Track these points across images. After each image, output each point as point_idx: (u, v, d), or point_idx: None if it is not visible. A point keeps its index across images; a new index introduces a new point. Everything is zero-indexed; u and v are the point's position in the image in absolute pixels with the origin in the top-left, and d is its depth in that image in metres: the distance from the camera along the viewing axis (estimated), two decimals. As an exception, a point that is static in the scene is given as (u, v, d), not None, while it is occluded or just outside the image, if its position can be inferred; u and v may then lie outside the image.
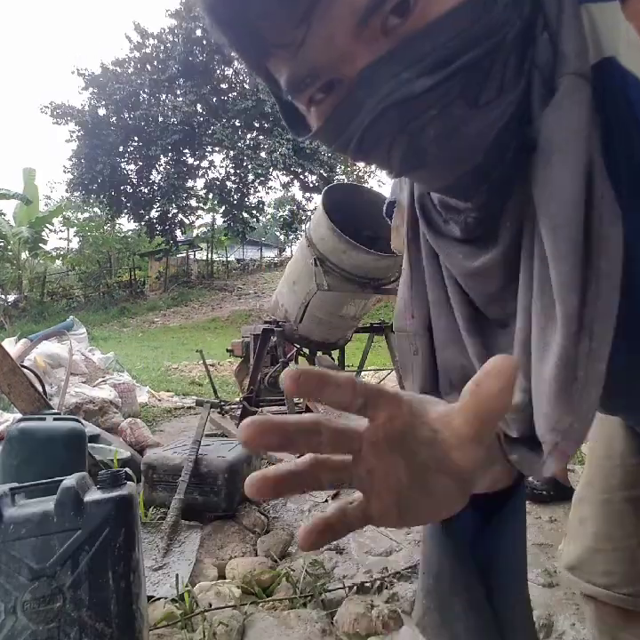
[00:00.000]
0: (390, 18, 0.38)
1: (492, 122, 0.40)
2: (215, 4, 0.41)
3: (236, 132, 19.15)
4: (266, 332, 3.62)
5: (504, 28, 0.38)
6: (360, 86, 0.40)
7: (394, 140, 0.41)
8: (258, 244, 32.95)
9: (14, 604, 1.00)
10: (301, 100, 0.44)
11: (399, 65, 0.38)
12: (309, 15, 0.38)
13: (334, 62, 0.40)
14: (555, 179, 0.40)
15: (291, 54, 0.41)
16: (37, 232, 18.28)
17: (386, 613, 1.44)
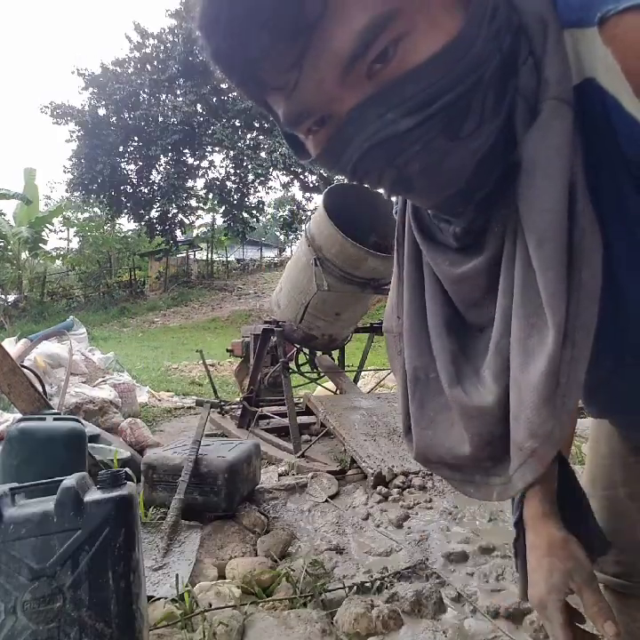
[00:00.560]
0: (373, 65, 0.42)
1: (473, 151, 0.44)
2: (217, 47, 0.45)
3: (236, 132, 19.14)
4: (266, 332, 3.62)
5: (482, 66, 0.42)
6: (348, 125, 0.44)
7: (382, 171, 0.46)
8: (258, 244, 32.94)
9: (14, 603, 1.00)
10: (299, 132, 0.50)
11: (383, 106, 0.42)
12: (300, 61, 0.42)
13: (324, 103, 0.45)
14: (539, 195, 0.44)
15: (286, 95, 0.45)
16: (37, 232, 18.27)
17: (386, 613, 1.44)
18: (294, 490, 2.42)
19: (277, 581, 1.66)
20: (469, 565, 1.76)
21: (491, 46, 0.42)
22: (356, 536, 2.02)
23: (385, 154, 0.44)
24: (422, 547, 1.89)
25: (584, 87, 0.43)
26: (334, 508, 2.25)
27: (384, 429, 2.92)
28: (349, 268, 3.16)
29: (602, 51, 0.40)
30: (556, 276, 0.44)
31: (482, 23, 0.41)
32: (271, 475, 2.66)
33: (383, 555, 1.86)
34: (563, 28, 0.43)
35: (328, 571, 1.74)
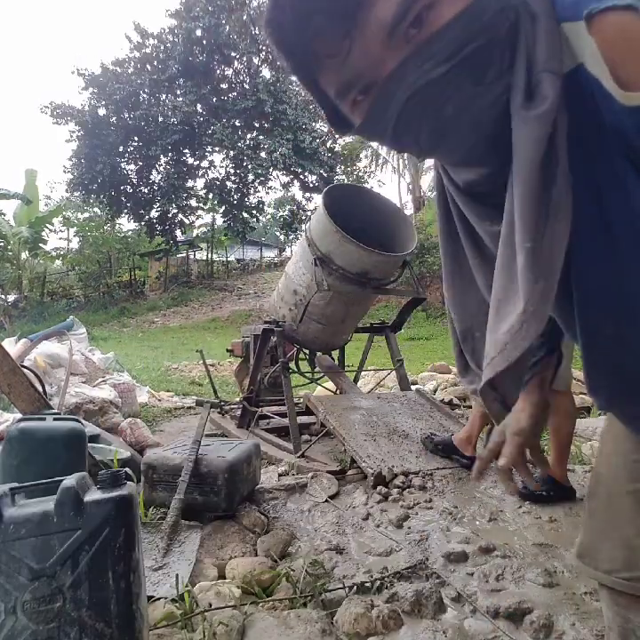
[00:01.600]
0: (409, 30, 0.53)
1: (496, 97, 0.53)
2: (281, 35, 0.57)
3: (236, 132, 19.14)
4: (266, 332, 3.61)
5: (495, 27, 0.52)
6: (391, 80, 0.54)
7: (420, 120, 0.55)
8: (258, 244, 32.93)
9: (14, 603, 1.00)
10: (346, 103, 0.60)
11: (420, 60, 0.52)
12: (351, 31, 0.54)
13: (371, 67, 0.55)
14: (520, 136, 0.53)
15: (339, 63, 0.56)
16: (37, 232, 18.27)
17: (386, 613, 1.44)
18: (294, 490, 2.42)
19: (277, 581, 1.66)
20: (469, 565, 1.76)
21: (499, 16, 0.52)
22: (356, 536, 2.02)
23: (423, 99, 0.53)
24: (422, 547, 1.89)
25: (577, 70, 0.52)
26: (334, 508, 2.25)
27: (384, 429, 2.92)
28: (349, 267, 3.15)
29: (588, 40, 0.50)
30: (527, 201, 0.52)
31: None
32: (271, 475, 2.66)
33: (383, 555, 1.86)
34: (559, 22, 0.53)
35: (328, 571, 1.74)
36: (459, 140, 0.56)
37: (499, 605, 1.50)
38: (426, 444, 2.76)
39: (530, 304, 0.52)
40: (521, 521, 2.08)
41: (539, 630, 1.41)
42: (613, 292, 0.58)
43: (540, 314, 0.52)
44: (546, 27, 0.53)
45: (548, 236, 0.52)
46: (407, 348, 9.14)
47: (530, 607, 1.49)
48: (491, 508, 2.18)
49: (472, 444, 2.60)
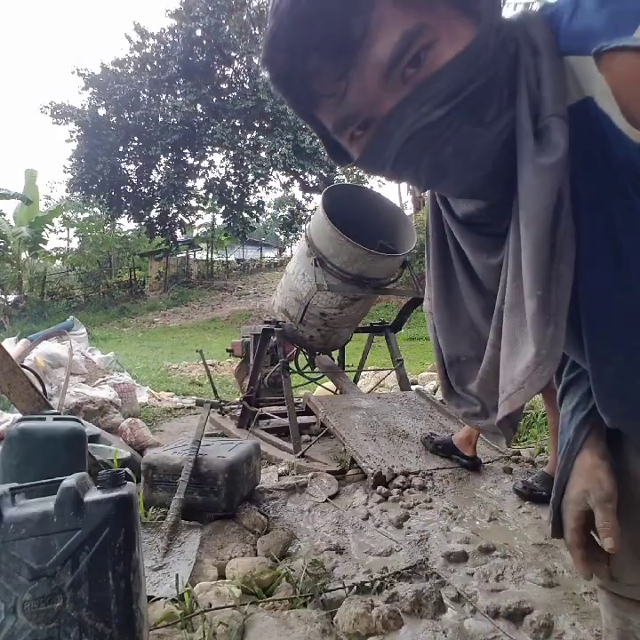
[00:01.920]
0: (407, 70, 0.52)
1: (496, 135, 0.53)
2: (278, 68, 0.57)
3: (236, 132, 19.15)
4: (266, 332, 3.62)
5: (495, 64, 0.52)
6: (389, 121, 0.54)
7: (420, 159, 0.55)
8: (258, 244, 32.94)
9: (14, 603, 1.00)
10: (344, 138, 0.60)
11: (418, 102, 0.52)
12: (347, 72, 0.53)
13: (368, 106, 0.55)
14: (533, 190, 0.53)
15: (336, 102, 0.56)
16: (37, 232, 18.27)
17: (386, 613, 1.44)
18: (294, 490, 2.42)
19: (277, 581, 1.66)
20: (469, 565, 1.76)
21: (500, 52, 0.52)
22: (356, 536, 2.02)
23: (422, 142, 0.53)
24: (422, 547, 1.89)
25: (585, 103, 0.51)
26: (334, 508, 2.25)
27: (384, 429, 2.92)
28: (349, 267, 3.15)
29: (597, 77, 0.49)
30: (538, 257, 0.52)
31: (490, 34, 0.52)
32: (271, 475, 2.66)
33: (383, 555, 1.86)
34: (563, 54, 0.52)
35: (328, 571, 1.74)
36: (458, 177, 0.57)
37: (499, 605, 1.50)
38: (426, 444, 2.75)
39: (542, 348, 0.53)
40: (521, 521, 2.08)
41: (539, 630, 1.41)
42: (627, 324, 0.58)
43: (552, 356, 0.53)
44: (549, 62, 0.53)
45: (555, 280, 0.53)
46: (407, 347, 9.14)
47: (530, 607, 1.49)
48: (491, 508, 2.18)
49: (472, 443, 2.59)
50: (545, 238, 0.52)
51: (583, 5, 0.52)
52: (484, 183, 0.57)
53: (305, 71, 0.55)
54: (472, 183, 0.57)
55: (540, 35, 0.55)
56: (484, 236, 0.65)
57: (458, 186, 0.59)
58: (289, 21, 0.53)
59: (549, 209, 0.52)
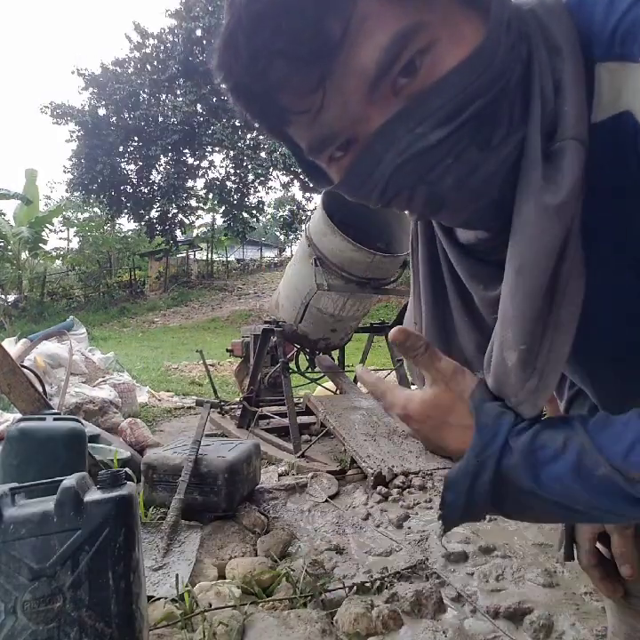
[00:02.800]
0: (399, 79, 0.42)
1: (503, 160, 0.44)
2: (237, 81, 0.46)
3: (236, 132, 19.14)
4: (266, 332, 3.62)
5: (506, 74, 0.42)
6: (377, 142, 0.43)
7: (413, 189, 0.45)
8: (258, 244, 32.93)
9: (14, 604, 1.00)
10: (322, 159, 0.49)
11: (413, 121, 0.42)
12: (323, 81, 0.42)
13: (350, 125, 0.45)
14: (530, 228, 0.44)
15: (309, 120, 0.45)
16: (37, 232, 18.26)
17: (386, 613, 1.44)
18: (294, 490, 2.42)
19: (277, 581, 1.66)
20: (469, 565, 1.76)
21: (511, 56, 0.42)
22: (355, 536, 2.02)
23: (417, 169, 0.44)
24: (422, 547, 1.89)
25: (620, 119, 0.42)
26: (334, 508, 2.25)
27: (384, 429, 2.92)
28: (349, 267, 3.15)
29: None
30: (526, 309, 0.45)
31: (501, 33, 0.42)
32: (271, 475, 2.66)
33: (383, 555, 1.86)
34: (595, 62, 0.43)
35: (328, 571, 1.74)
36: (457, 208, 0.48)
37: (499, 605, 1.50)
38: None
39: (520, 395, 0.47)
40: (521, 521, 2.08)
41: (539, 630, 1.41)
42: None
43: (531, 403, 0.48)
44: (574, 67, 0.43)
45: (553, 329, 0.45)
46: (407, 348, 9.12)
47: (530, 607, 1.49)
48: (491, 508, 2.17)
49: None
50: (539, 289, 0.44)
51: None
52: (486, 213, 0.48)
53: (269, 83, 0.44)
54: (472, 214, 0.48)
55: (561, 30, 0.44)
56: (483, 263, 0.55)
57: (456, 217, 0.50)
58: (247, 19, 0.42)
59: (551, 256, 0.43)
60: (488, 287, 0.55)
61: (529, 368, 0.46)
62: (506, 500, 0.48)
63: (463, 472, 0.48)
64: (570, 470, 0.43)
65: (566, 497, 0.45)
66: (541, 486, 0.45)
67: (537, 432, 0.46)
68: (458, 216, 0.49)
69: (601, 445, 0.42)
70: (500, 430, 0.47)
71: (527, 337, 0.45)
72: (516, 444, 0.46)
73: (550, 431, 0.46)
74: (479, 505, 0.49)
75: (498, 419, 0.48)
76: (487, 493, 0.47)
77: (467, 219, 0.50)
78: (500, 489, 0.47)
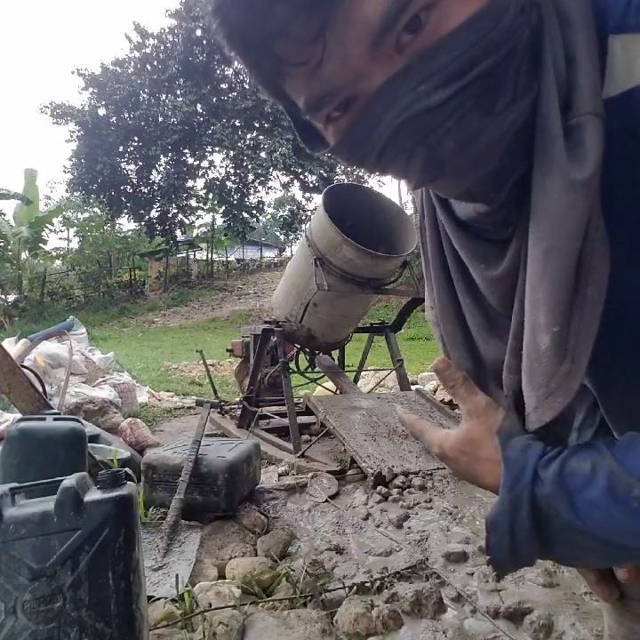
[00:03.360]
0: (403, 35, 0.40)
1: (507, 127, 0.42)
2: (232, 22, 0.43)
3: (236, 132, 19.15)
4: (266, 332, 3.62)
5: (515, 36, 0.40)
6: (378, 101, 0.41)
7: (412, 152, 0.43)
8: (258, 244, 32.94)
9: (14, 604, 1.00)
10: (319, 119, 0.47)
11: (416, 79, 0.40)
12: (324, 31, 0.40)
13: (350, 81, 0.42)
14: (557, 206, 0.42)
15: (308, 73, 0.43)
16: (37, 232, 18.26)
17: (386, 613, 1.44)
18: (294, 490, 2.42)
19: (277, 581, 1.66)
20: (469, 565, 1.76)
21: (520, 19, 0.41)
22: (356, 536, 2.02)
23: (417, 131, 0.42)
24: (422, 547, 1.89)
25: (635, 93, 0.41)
26: (334, 508, 2.25)
27: (384, 429, 2.92)
28: (349, 267, 3.15)
29: None
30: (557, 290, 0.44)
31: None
32: (271, 475, 2.66)
33: (383, 555, 1.86)
34: (608, 34, 0.42)
35: (328, 571, 1.74)
36: (457, 176, 0.46)
37: (499, 605, 1.50)
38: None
39: (552, 382, 0.46)
40: (521, 521, 2.08)
41: (539, 630, 1.41)
42: None
43: (565, 389, 0.46)
44: (587, 38, 0.42)
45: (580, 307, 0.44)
46: (407, 347, 9.14)
47: (530, 607, 1.49)
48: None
49: None
50: (570, 269, 0.43)
51: None
52: (487, 184, 0.46)
53: (267, 30, 0.41)
54: (473, 183, 0.46)
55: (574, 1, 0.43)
56: (483, 241, 0.54)
57: (455, 186, 0.48)
58: None
59: (579, 232, 0.42)
60: (489, 267, 0.53)
61: (562, 350, 0.45)
62: (552, 539, 0.46)
63: (500, 511, 0.47)
64: (603, 495, 0.42)
65: (610, 527, 0.43)
66: (580, 516, 0.43)
67: (565, 460, 0.45)
68: (457, 184, 0.48)
69: (630, 467, 0.42)
70: (527, 463, 0.46)
71: (559, 318, 0.44)
72: (546, 474, 0.45)
73: (577, 458, 0.45)
74: (525, 545, 0.47)
75: (525, 451, 0.47)
76: (530, 531, 0.46)
77: (466, 188, 0.48)
78: (541, 525, 0.45)
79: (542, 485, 0.45)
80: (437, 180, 0.48)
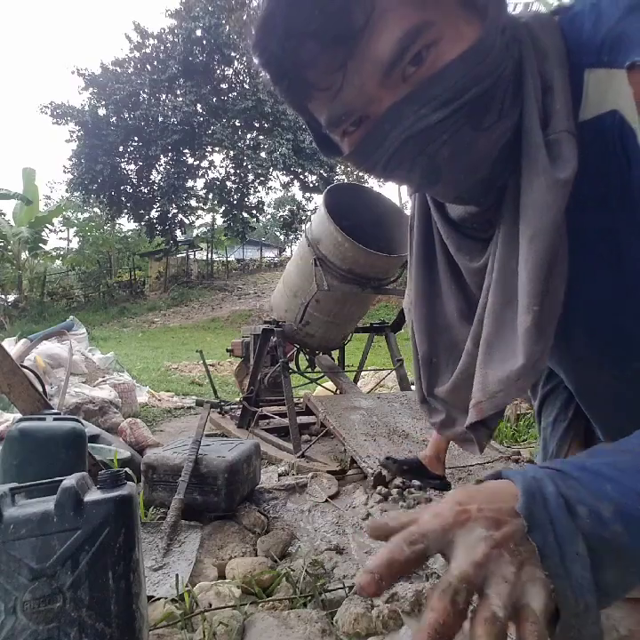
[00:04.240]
0: (408, 68, 0.50)
1: (494, 141, 0.52)
2: (270, 59, 0.53)
3: (236, 132, 19.16)
4: (266, 332, 3.62)
5: (499, 68, 0.50)
6: (386, 121, 0.51)
7: (414, 161, 0.53)
8: (258, 244, 32.96)
9: (14, 604, 1.00)
10: (337, 133, 0.57)
11: (417, 103, 0.49)
12: (345, 65, 0.50)
13: (365, 104, 0.53)
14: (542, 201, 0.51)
15: (331, 97, 0.53)
16: (37, 232, 18.26)
17: (386, 613, 1.44)
18: (294, 490, 2.42)
19: (277, 581, 1.66)
20: (469, 565, 1.76)
21: (504, 54, 0.50)
22: (355, 536, 2.02)
23: (418, 144, 0.51)
24: (422, 547, 1.89)
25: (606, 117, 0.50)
26: (334, 508, 2.25)
27: (384, 429, 2.92)
28: (349, 267, 3.15)
29: (627, 90, 0.48)
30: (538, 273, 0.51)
31: (496, 35, 0.49)
32: (271, 475, 2.66)
33: (383, 555, 1.85)
34: (584, 66, 0.51)
35: (328, 571, 1.74)
36: (452, 182, 0.55)
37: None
38: (388, 466, 2.32)
39: (529, 361, 0.53)
40: (521, 521, 2.08)
41: (539, 630, 1.41)
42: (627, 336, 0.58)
43: (537, 369, 0.54)
44: (561, 71, 0.51)
45: (548, 295, 0.52)
46: (407, 347, 9.09)
47: (530, 607, 1.49)
48: (491, 508, 2.17)
49: (442, 460, 2.25)
50: (550, 254, 0.51)
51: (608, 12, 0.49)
52: (478, 189, 0.56)
53: (299, 60, 0.51)
54: (465, 188, 0.56)
55: (551, 40, 0.52)
56: (468, 238, 0.64)
57: (451, 190, 0.57)
58: (285, 3, 0.49)
59: (557, 225, 0.51)
60: (473, 259, 0.63)
61: (539, 329, 0.52)
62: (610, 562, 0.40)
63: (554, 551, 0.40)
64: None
65: None
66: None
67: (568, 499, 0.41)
68: (452, 190, 0.57)
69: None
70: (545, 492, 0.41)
71: (539, 298, 0.52)
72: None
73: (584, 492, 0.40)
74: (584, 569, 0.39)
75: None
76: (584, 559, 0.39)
77: (459, 194, 0.57)
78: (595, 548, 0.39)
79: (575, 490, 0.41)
80: (435, 186, 0.56)
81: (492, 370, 0.57)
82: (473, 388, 0.60)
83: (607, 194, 0.52)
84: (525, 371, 0.53)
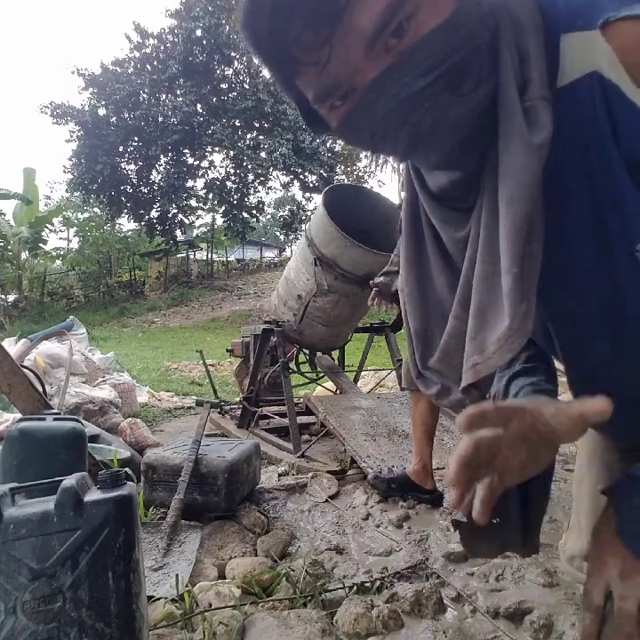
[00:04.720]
0: (390, 40, 0.52)
1: (473, 106, 0.54)
2: (259, 34, 0.55)
3: (236, 132, 19.16)
4: (266, 332, 3.61)
5: (476, 38, 0.52)
6: (372, 91, 0.54)
7: (399, 130, 0.55)
8: (258, 244, 32.95)
9: (14, 603, 1.00)
10: (324, 107, 0.59)
11: (400, 73, 0.52)
12: (330, 38, 0.52)
13: (350, 76, 0.55)
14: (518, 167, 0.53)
15: (317, 71, 0.56)
16: (37, 232, 18.26)
17: (386, 613, 1.44)
18: (294, 490, 2.42)
19: (277, 581, 1.66)
20: (469, 565, 1.76)
21: (480, 25, 0.53)
22: (356, 536, 2.02)
23: (403, 112, 0.53)
24: (422, 547, 1.89)
25: (582, 80, 0.52)
26: (334, 508, 2.25)
27: (384, 429, 2.92)
28: (349, 267, 3.15)
29: (604, 48, 0.49)
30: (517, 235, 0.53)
31: (471, 7, 0.52)
32: (271, 475, 2.66)
33: (383, 555, 1.86)
34: (564, 31, 0.52)
35: (328, 571, 1.74)
36: (435, 146, 0.57)
37: (499, 605, 1.50)
38: (376, 485, 2.33)
39: (515, 322, 0.55)
40: (521, 521, 2.08)
41: (539, 630, 1.41)
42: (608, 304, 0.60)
43: (523, 329, 0.56)
44: (536, 39, 0.53)
45: (528, 259, 0.54)
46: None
47: (530, 607, 1.49)
48: (491, 508, 2.17)
49: (430, 473, 2.27)
50: (527, 217, 0.53)
51: None
52: (459, 152, 0.58)
53: (287, 38, 0.54)
54: (447, 151, 0.58)
55: (527, 10, 0.55)
56: (452, 210, 0.66)
57: (434, 154, 0.59)
58: None
59: (535, 186, 0.53)
60: (458, 229, 0.65)
61: (520, 290, 0.54)
62: None
63: None
64: None
65: None
66: None
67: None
68: (435, 154, 0.59)
69: None
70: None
71: (518, 260, 0.54)
72: None
73: None
74: None
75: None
76: None
77: (442, 158, 0.59)
78: None
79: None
80: (418, 150, 0.59)
81: (487, 332, 0.60)
82: (466, 352, 0.62)
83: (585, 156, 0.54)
84: (512, 331, 0.55)
